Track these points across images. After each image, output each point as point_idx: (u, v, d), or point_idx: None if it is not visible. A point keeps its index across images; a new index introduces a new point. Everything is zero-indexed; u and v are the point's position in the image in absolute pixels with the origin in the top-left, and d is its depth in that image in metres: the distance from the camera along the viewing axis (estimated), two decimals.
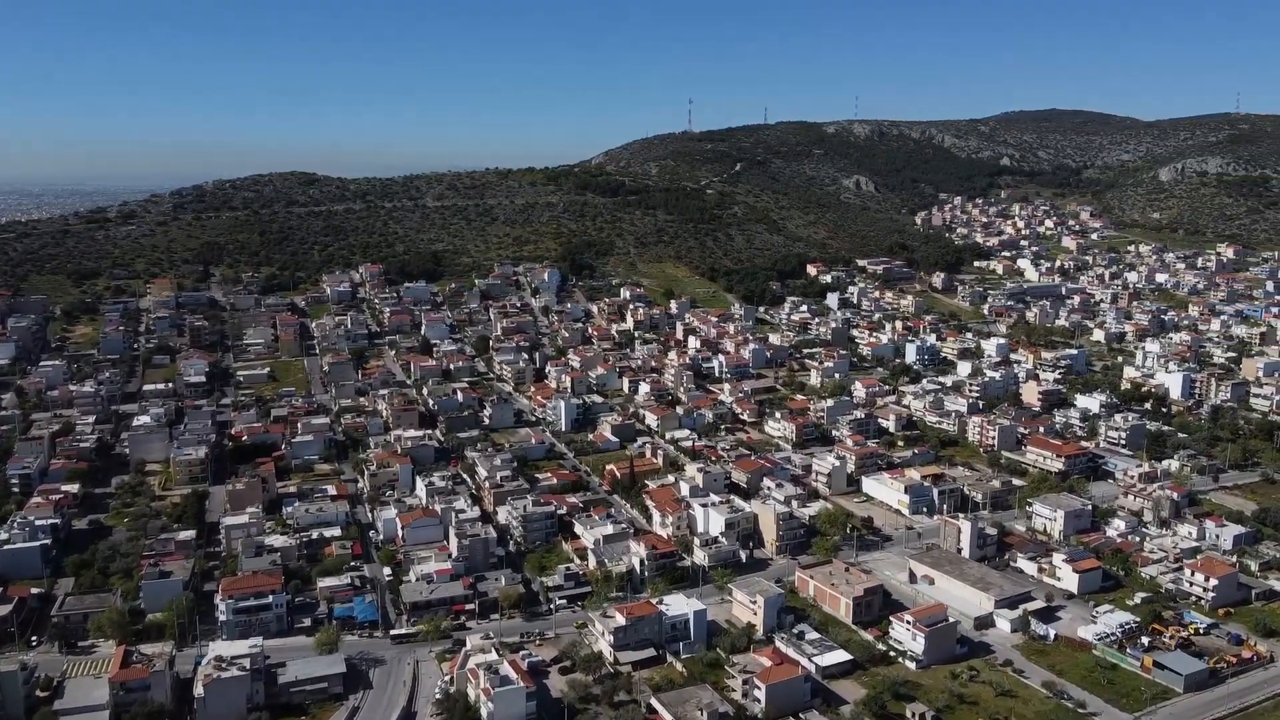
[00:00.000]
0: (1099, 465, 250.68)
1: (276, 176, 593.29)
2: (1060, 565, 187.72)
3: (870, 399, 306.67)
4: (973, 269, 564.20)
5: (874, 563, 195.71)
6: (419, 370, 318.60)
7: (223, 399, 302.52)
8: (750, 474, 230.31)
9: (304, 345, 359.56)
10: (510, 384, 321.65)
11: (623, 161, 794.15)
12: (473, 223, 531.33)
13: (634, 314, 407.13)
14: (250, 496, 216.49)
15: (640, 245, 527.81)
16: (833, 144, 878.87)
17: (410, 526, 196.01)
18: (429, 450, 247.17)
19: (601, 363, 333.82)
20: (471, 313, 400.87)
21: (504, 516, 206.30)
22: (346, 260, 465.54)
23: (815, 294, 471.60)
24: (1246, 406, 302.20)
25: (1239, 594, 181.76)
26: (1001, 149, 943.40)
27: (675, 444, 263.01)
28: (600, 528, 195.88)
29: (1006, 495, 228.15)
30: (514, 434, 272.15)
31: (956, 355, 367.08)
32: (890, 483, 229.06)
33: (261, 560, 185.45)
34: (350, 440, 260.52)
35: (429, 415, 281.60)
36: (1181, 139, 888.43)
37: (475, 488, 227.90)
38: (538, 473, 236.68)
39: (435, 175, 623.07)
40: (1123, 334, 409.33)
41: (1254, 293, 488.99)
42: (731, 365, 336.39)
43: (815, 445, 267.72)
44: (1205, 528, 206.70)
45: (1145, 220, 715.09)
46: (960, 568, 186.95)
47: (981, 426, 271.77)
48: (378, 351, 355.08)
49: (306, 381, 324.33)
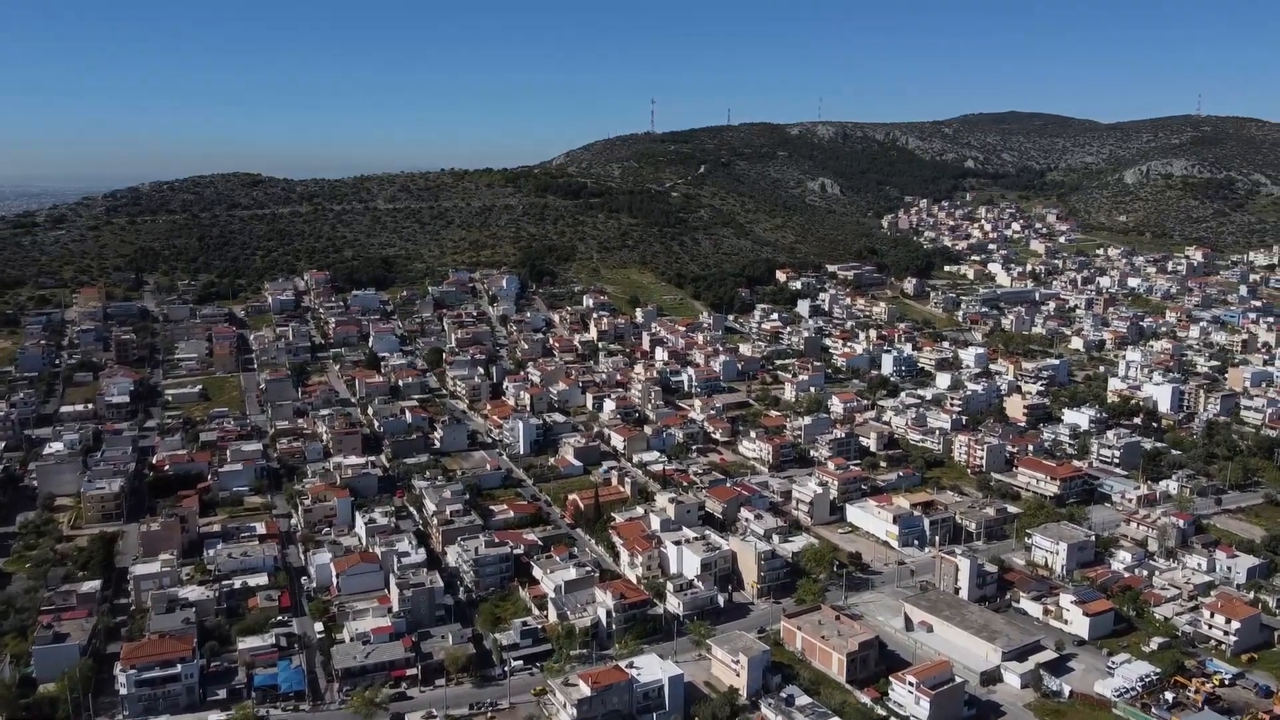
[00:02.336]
0: (1095, 488, 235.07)
1: (218, 178, 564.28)
2: (1069, 607, 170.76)
3: (848, 415, 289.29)
4: (943, 274, 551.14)
5: (865, 606, 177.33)
6: (364, 387, 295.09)
7: (147, 421, 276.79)
8: (726, 503, 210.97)
9: (241, 360, 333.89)
10: (464, 401, 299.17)
11: (584, 163, 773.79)
12: (426, 226, 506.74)
13: (598, 323, 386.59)
14: (167, 539, 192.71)
15: (604, 250, 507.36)
16: (797, 146, 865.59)
17: (346, 574, 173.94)
18: (371, 480, 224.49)
19: (563, 377, 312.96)
20: (424, 323, 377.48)
21: (454, 558, 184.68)
22: (291, 267, 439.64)
23: (786, 301, 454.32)
24: (1238, 419, 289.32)
25: (1261, 637, 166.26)
26: (965, 151, 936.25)
27: (644, 468, 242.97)
28: (562, 571, 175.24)
29: (1001, 524, 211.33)
30: (467, 458, 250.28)
31: (934, 366, 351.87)
32: (877, 511, 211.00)
33: (174, 618, 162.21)
34: (285, 468, 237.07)
35: (374, 438, 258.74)
36: (1144, 141, 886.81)
37: (422, 523, 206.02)
38: (493, 504, 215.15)
39: (387, 176, 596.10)
40: (1102, 342, 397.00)
41: (1228, 297, 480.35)
42: (702, 379, 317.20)
43: (793, 467, 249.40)
44: (1216, 559, 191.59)
45: (1112, 223, 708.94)
46: (961, 612, 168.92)
47: (969, 446, 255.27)
48: (321, 366, 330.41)
49: (241, 400, 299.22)
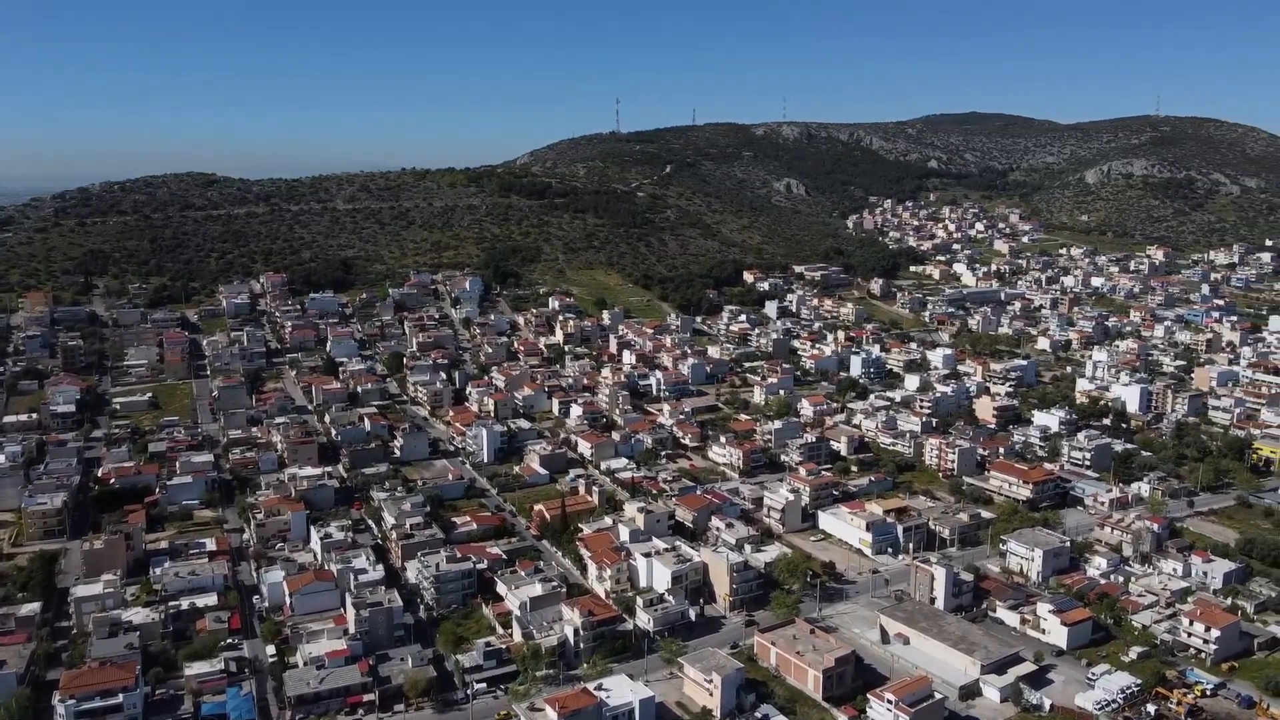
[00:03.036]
0: (1067, 491, 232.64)
1: (171, 178, 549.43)
2: (1046, 616, 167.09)
3: (818, 418, 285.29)
4: (909, 274, 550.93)
5: (840, 617, 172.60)
6: (322, 394, 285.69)
7: (94, 431, 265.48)
8: (696, 512, 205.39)
9: (193, 366, 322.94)
10: (426, 408, 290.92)
11: (549, 162, 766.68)
12: (387, 227, 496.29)
13: (563, 326, 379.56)
14: (111, 557, 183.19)
15: (569, 251, 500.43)
16: (762, 146, 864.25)
17: (300, 593, 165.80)
18: (328, 492, 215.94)
19: (528, 382, 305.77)
20: (384, 326, 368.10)
21: (413, 574, 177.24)
22: (246, 269, 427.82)
23: (753, 302, 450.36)
24: (1206, 420, 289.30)
25: (1241, 644, 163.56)
26: (929, 151, 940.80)
27: (612, 475, 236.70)
28: (527, 587, 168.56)
29: (975, 530, 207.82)
30: (428, 468, 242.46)
31: (903, 368, 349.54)
32: (850, 518, 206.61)
33: (116, 642, 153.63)
34: (238, 480, 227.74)
35: (331, 448, 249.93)
36: (1105, 141, 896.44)
37: (381, 537, 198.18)
38: (455, 515, 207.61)
39: (346, 176, 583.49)
40: (1068, 342, 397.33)
41: (1190, 296, 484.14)
42: (670, 382, 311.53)
43: (764, 472, 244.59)
44: (1191, 564, 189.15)
45: (1074, 223, 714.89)
46: (938, 624, 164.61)
47: (940, 449, 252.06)
48: (276, 372, 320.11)
49: (193, 409, 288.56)
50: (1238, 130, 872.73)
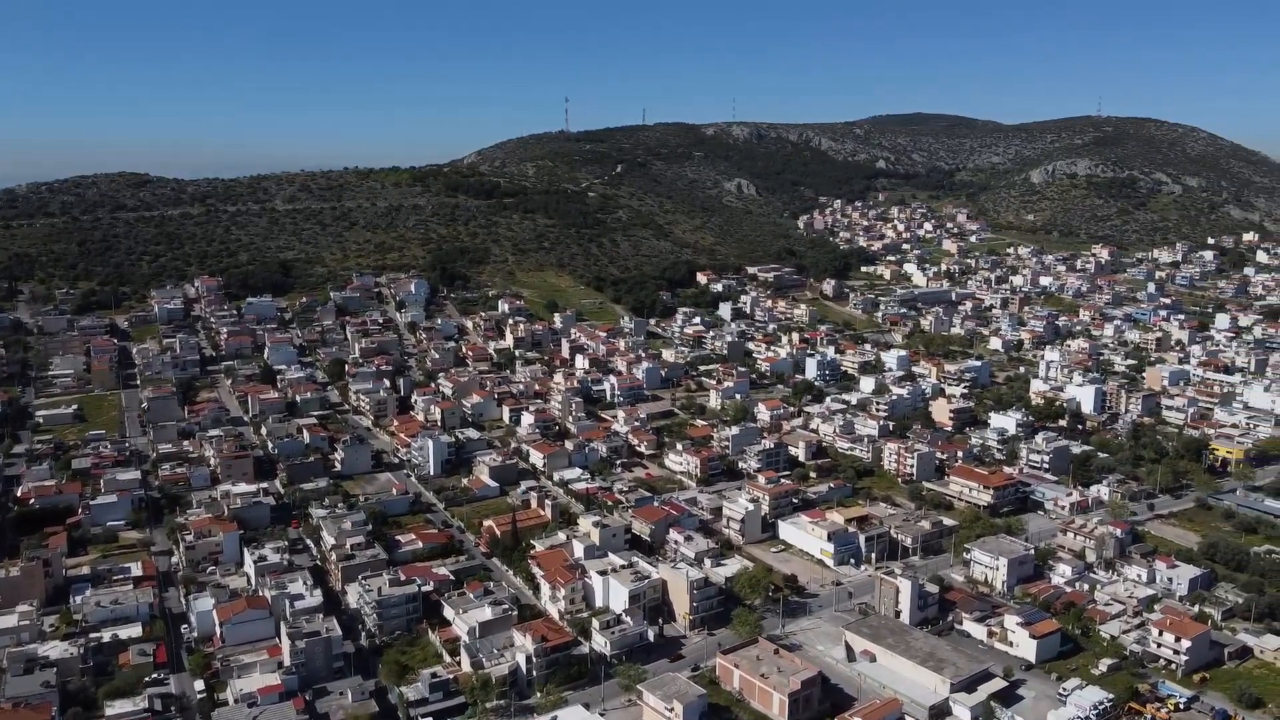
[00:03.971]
0: (1027, 495, 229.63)
1: (102, 178, 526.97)
2: (1014, 629, 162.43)
3: (775, 422, 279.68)
4: (861, 274, 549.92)
5: (804, 634, 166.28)
6: (258, 404, 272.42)
7: (15, 447, 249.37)
8: (654, 524, 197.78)
9: (122, 375, 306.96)
10: (369, 417, 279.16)
11: (497, 161, 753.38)
12: (328, 228, 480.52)
13: (514, 330, 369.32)
14: (27, 586, 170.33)
15: (519, 252, 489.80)
16: (712, 146, 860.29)
17: (231, 622, 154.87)
18: (263, 510, 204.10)
19: (477, 389, 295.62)
20: (325, 331, 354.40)
21: (354, 598, 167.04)
22: (181, 273, 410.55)
23: (707, 304, 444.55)
24: (1160, 420, 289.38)
25: (1211, 654, 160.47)
26: (877, 152, 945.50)
27: (565, 487, 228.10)
28: (476, 611, 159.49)
29: (938, 538, 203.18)
30: (371, 481, 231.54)
31: (858, 369, 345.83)
32: (810, 528, 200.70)
33: (32, 680, 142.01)
34: (167, 498, 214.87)
35: (268, 461, 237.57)
36: (1049, 141, 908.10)
37: (320, 558, 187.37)
38: (399, 533, 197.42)
39: (286, 175, 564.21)
40: (1020, 342, 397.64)
41: (1137, 295, 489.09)
42: (624, 388, 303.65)
43: (722, 480, 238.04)
44: (1156, 570, 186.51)
45: (1020, 222, 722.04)
46: (905, 639, 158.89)
47: (899, 454, 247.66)
48: (211, 381, 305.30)
49: (121, 421, 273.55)
50: (1178, 130, 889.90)
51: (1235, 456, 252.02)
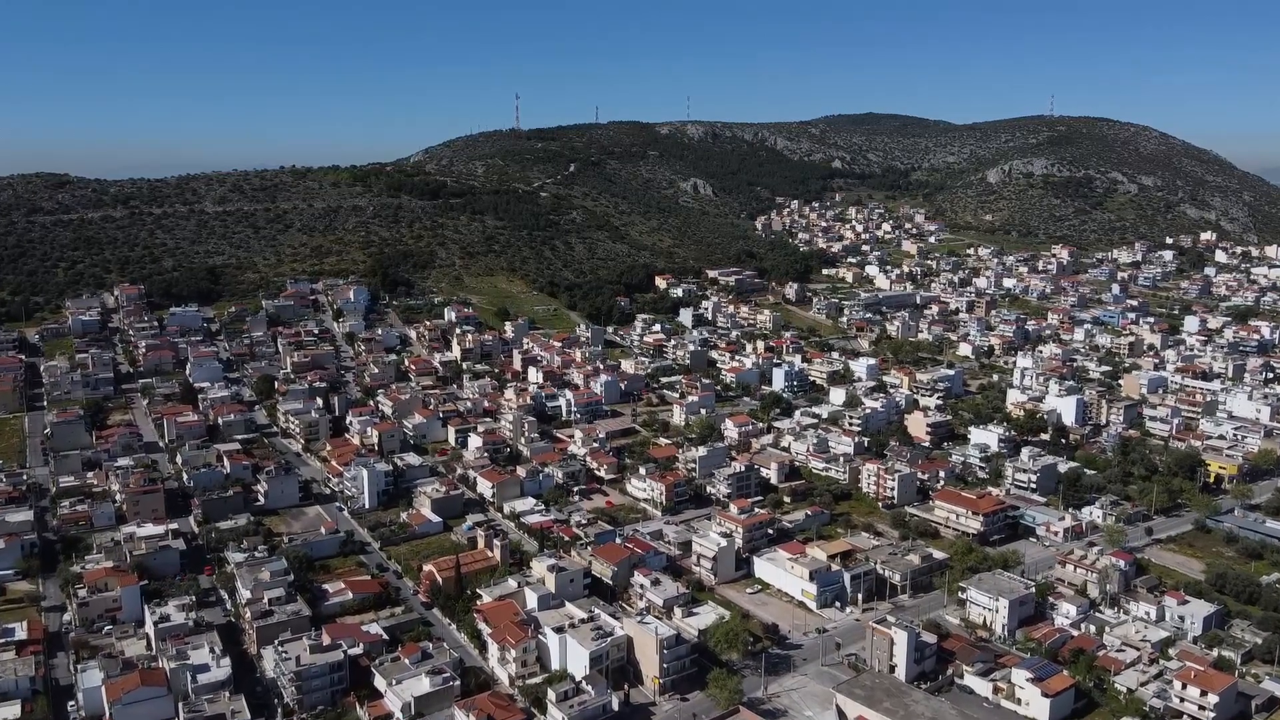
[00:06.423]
0: (1017, 521, 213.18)
1: (17, 179, 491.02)
2: (1024, 685, 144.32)
3: (744, 440, 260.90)
4: (822, 277, 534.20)
5: (788, 695, 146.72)
6: (175, 428, 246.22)
7: None
8: (616, 566, 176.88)
9: (28, 396, 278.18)
10: (299, 441, 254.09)
11: (444, 160, 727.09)
12: (261, 231, 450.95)
13: (461, 340, 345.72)
14: None
15: (467, 256, 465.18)
16: (667, 145, 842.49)
17: (121, 702, 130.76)
18: (172, 555, 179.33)
19: (420, 407, 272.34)
20: (254, 344, 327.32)
21: (271, 666, 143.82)
22: (100, 280, 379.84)
23: (667, 309, 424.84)
24: (1145, 432, 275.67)
25: (1238, 707, 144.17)
26: (832, 151, 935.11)
27: (517, 519, 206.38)
28: (412, 681, 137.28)
29: (928, 573, 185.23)
30: (299, 516, 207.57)
31: (826, 379, 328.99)
32: (790, 565, 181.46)
33: None
34: (65, 542, 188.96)
35: (182, 496, 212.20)
36: (1003, 141, 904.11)
37: (234, 613, 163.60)
38: (327, 579, 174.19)
39: (217, 175, 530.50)
40: (990, 348, 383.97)
41: (1101, 296, 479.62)
42: (581, 403, 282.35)
43: (690, 508, 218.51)
44: (1166, 606, 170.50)
45: (978, 222, 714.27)
46: (903, 702, 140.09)
47: (878, 475, 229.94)
48: (125, 401, 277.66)
49: (23, 449, 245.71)
50: (1130, 129, 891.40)
51: (1229, 472, 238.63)
